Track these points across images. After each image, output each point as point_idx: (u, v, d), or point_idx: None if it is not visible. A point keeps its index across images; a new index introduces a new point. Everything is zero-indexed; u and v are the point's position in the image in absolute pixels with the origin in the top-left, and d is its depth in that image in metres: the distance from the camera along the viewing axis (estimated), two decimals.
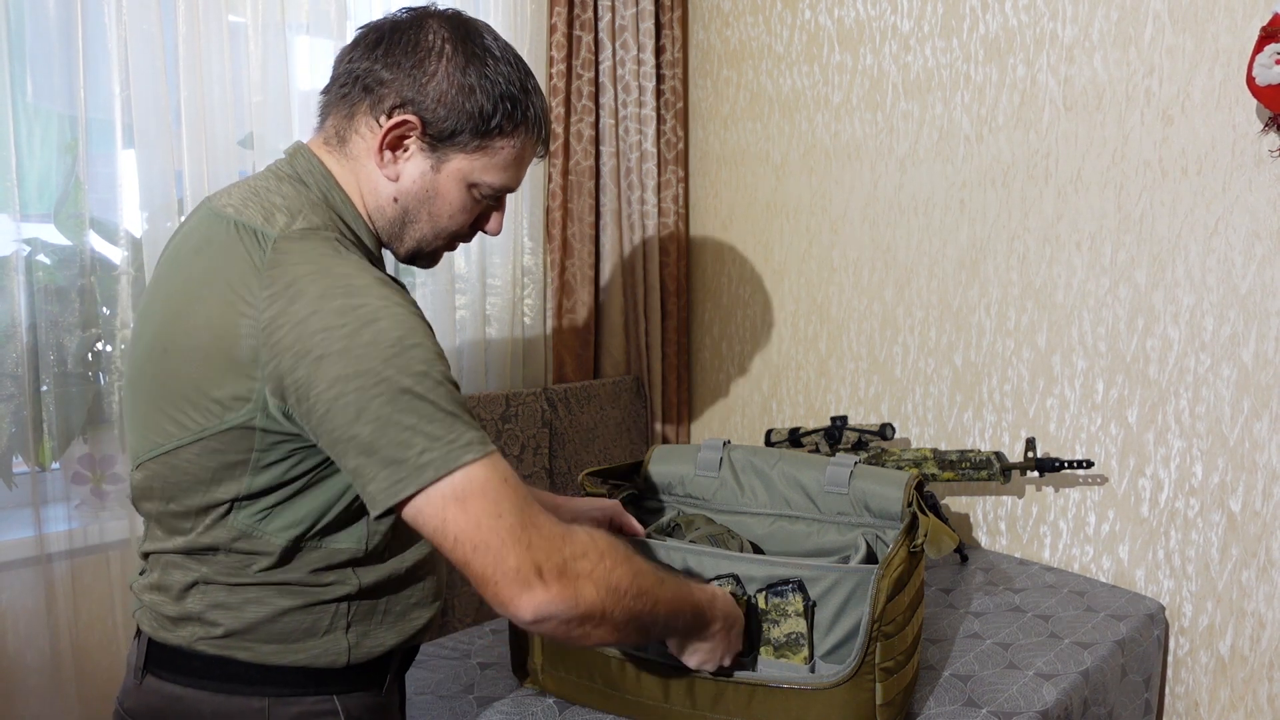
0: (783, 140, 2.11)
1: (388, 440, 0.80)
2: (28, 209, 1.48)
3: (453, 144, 0.94)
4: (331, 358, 0.80)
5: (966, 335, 1.81)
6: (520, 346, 2.10)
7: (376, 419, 0.80)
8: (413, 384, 0.81)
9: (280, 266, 0.84)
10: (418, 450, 0.80)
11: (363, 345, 0.80)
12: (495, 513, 0.81)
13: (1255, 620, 1.48)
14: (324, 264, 0.84)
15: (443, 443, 0.81)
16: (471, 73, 0.93)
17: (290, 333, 0.81)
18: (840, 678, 1.07)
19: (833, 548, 1.26)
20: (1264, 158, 1.42)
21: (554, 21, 2.04)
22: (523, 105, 0.96)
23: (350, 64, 0.94)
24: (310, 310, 0.81)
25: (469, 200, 0.99)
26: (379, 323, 0.81)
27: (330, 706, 0.96)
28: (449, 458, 0.81)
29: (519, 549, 0.81)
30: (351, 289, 0.83)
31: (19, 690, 1.51)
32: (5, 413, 1.47)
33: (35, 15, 1.45)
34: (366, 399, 0.80)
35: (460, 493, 0.81)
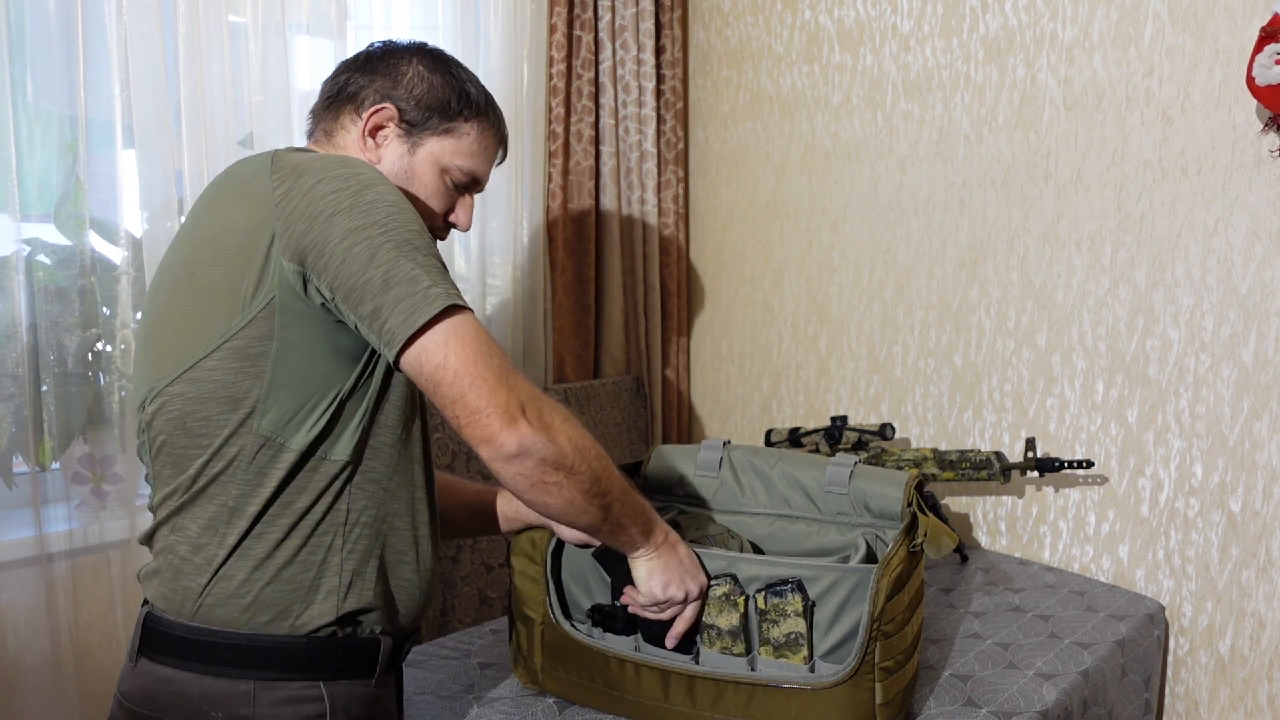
0: (783, 140, 2.11)
1: (399, 277, 0.90)
2: (28, 209, 1.48)
3: (424, 129, 1.08)
4: (342, 214, 0.91)
5: (966, 335, 1.81)
6: (520, 347, 2.10)
7: (387, 262, 0.90)
8: (411, 238, 0.92)
9: (284, 160, 0.97)
10: (426, 285, 0.90)
11: (367, 203, 0.92)
12: (489, 353, 0.91)
13: (1255, 620, 1.48)
14: (320, 153, 1.00)
15: (443, 285, 0.92)
16: (438, 74, 1.10)
17: (301, 200, 0.92)
18: (840, 677, 1.07)
19: (833, 548, 1.26)
20: (1264, 158, 1.42)
21: (554, 21, 2.04)
22: (481, 99, 1.12)
23: (336, 81, 1.10)
24: (317, 179, 0.93)
25: (442, 185, 1.11)
26: (377, 187, 0.93)
27: (315, 692, 0.97)
28: (450, 296, 0.91)
29: (507, 388, 0.90)
30: (348, 161, 0.96)
31: (19, 690, 1.51)
32: (5, 413, 1.47)
33: (35, 15, 1.45)
34: (376, 245, 0.90)
35: (460, 331, 0.91)
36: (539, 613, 1.21)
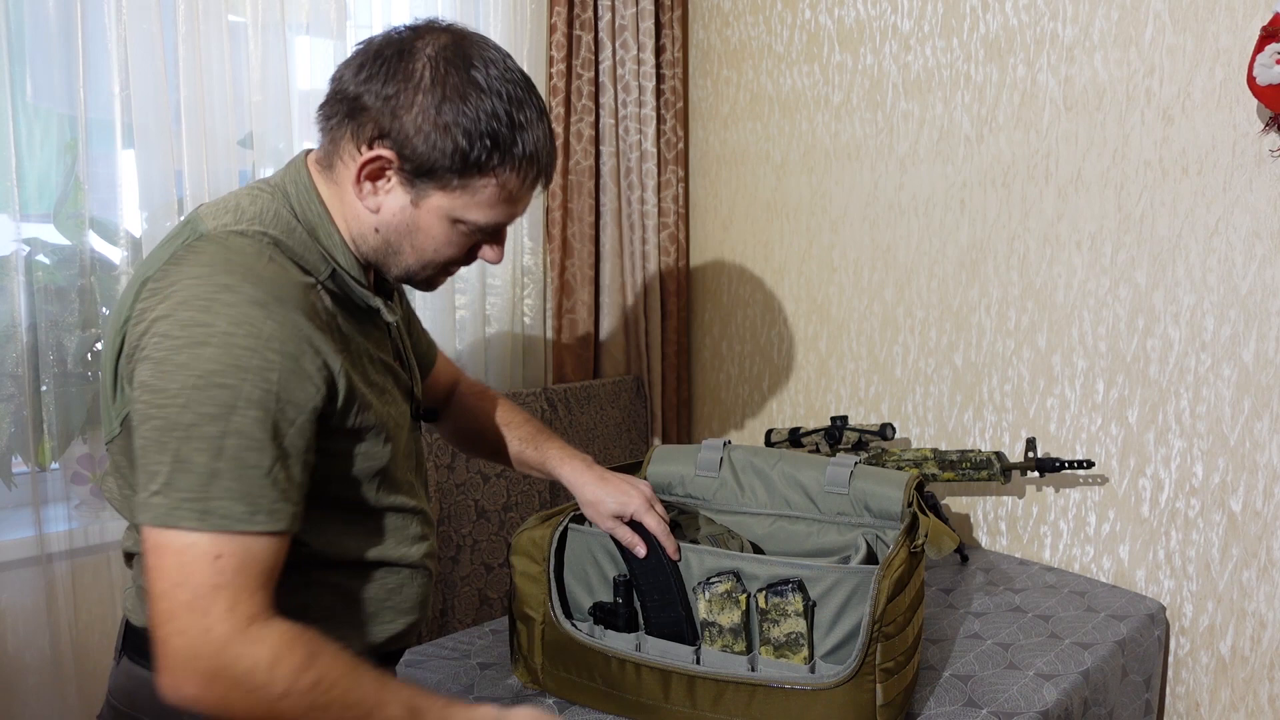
0: (783, 140, 2.11)
1: (144, 463, 0.81)
2: (28, 209, 1.48)
3: (431, 180, 0.90)
4: (148, 363, 0.81)
5: (966, 335, 1.81)
6: (520, 346, 2.10)
7: (145, 438, 0.81)
8: (193, 422, 0.80)
9: (181, 264, 0.85)
10: (152, 490, 0.80)
11: (175, 365, 0.80)
12: (179, 579, 0.79)
13: (1256, 620, 1.48)
14: (217, 269, 0.84)
15: (178, 495, 0.79)
16: (449, 108, 0.88)
17: (142, 325, 0.84)
18: (841, 678, 1.07)
19: (833, 548, 1.26)
20: (1264, 158, 1.41)
21: (554, 21, 2.04)
22: (506, 142, 0.90)
23: (340, 84, 0.92)
24: (165, 313, 0.82)
25: (455, 235, 0.95)
26: (206, 348, 0.80)
27: None
28: (170, 514, 0.79)
29: (171, 624, 0.79)
30: (213, 304, 0.81)
31: (19, 690, 1.51)
32: (5, 413, 1.47)
33: (35, 15, 1.45)
34: (149, 414, 0.81)
35: (161, 544, 0.80)
36: (539, 612, 1.21)
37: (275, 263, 0.88)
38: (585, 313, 2.17)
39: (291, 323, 0.84)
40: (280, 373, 0.83)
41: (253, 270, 0.85)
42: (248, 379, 0.81)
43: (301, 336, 0.85)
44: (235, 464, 0.81)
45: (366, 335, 0.99)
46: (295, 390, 0.84)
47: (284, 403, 0.83)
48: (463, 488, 1.89)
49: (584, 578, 1.22)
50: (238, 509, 0.81)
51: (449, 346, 1.98)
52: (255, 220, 0.91)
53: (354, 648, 0.97)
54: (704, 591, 1.13)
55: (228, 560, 0.80)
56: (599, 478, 1.20)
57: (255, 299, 0.83)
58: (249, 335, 0.81)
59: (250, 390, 0.81)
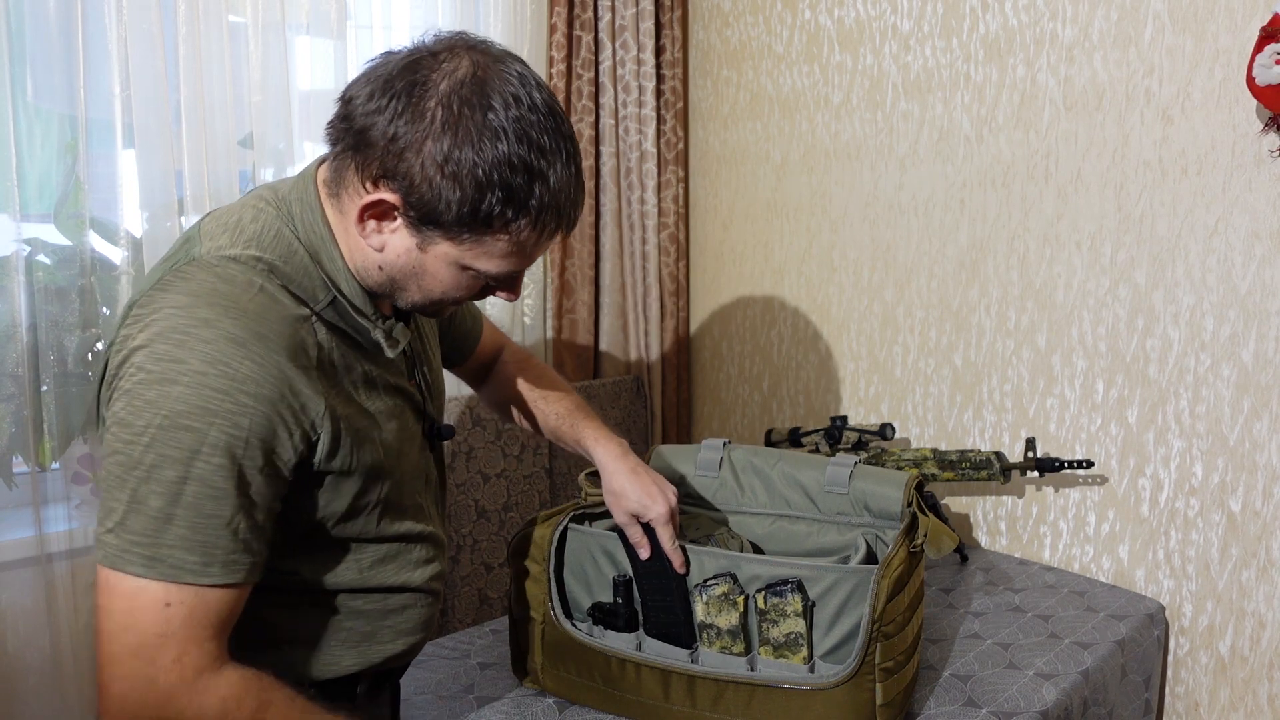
0: (783, 140, 2.11)
1: (105, 497, 0.79)
2: (28, 209, 1.48)
3: (437, 230, 0.84)
4: (122, 396, 0.79)
5: (966, 335, 1.81)
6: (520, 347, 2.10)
7: (108, 471, 0.79)
8: (155, 463, 0.77)
9: (166, 290, 0.82)
10: (106, 526, 0.78)
11: (145, 400, 0.77)
12: (127, 624, 0.77)
13: (1255, 620, 1.48)
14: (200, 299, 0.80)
15: (129, 539, 0.77)
16: (460, 154, 0.80)
17: (122, 354, 0.81)
18: (840, 678, 1.07)
19: (833, 548, 1.26)
20: (1264, 158, 1.42)
21: (554, 21, 2.04)
22: (522, 194, 0.82)
23: (348, 107, 0.84)
24: (143, 343, 0.79)
25: (464, 279, 0.89)
26: (175, 386, 0.77)
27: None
28: (119, 557, 0.77)
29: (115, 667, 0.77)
30: (189, 340, 0.78)
31: (19, 690, 1.51)
32: (5, 413, 1.47)
33: (35, 15, 1.45)
34: (115, 448, 0.79)
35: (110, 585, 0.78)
36: (539, 612, 1.21)
37: (265, 294, 0.83)
38: (585, 313, 2.17)
39: (271, 364, 0.80)
40: (252, 418, 0.79)
41: (237, 303, 0.81)
42: (215, 423, 0.77)
43: (281, 379, 0.81)
44: (192, 511, 0.78)
45: (373, 359, 0.95)
46: (267, 437, 0.80)
47: (253, 449, 0.79)
48: (463, 488, 1.89)
49: (584, 578, 1.22)
50: (190, 559, 0.78)
51: None
52: (253, 242, 0.86)
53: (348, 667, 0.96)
54: (701, 594, 1.13)
55: (176, 610, 0.77)
56: (631, 469, 1.16)
57: (234, 336, 0.79)
58: (222, 376, 0.78)
59: (217, 436, 0.77)
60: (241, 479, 0.79)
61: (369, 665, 0.99)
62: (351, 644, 0.97)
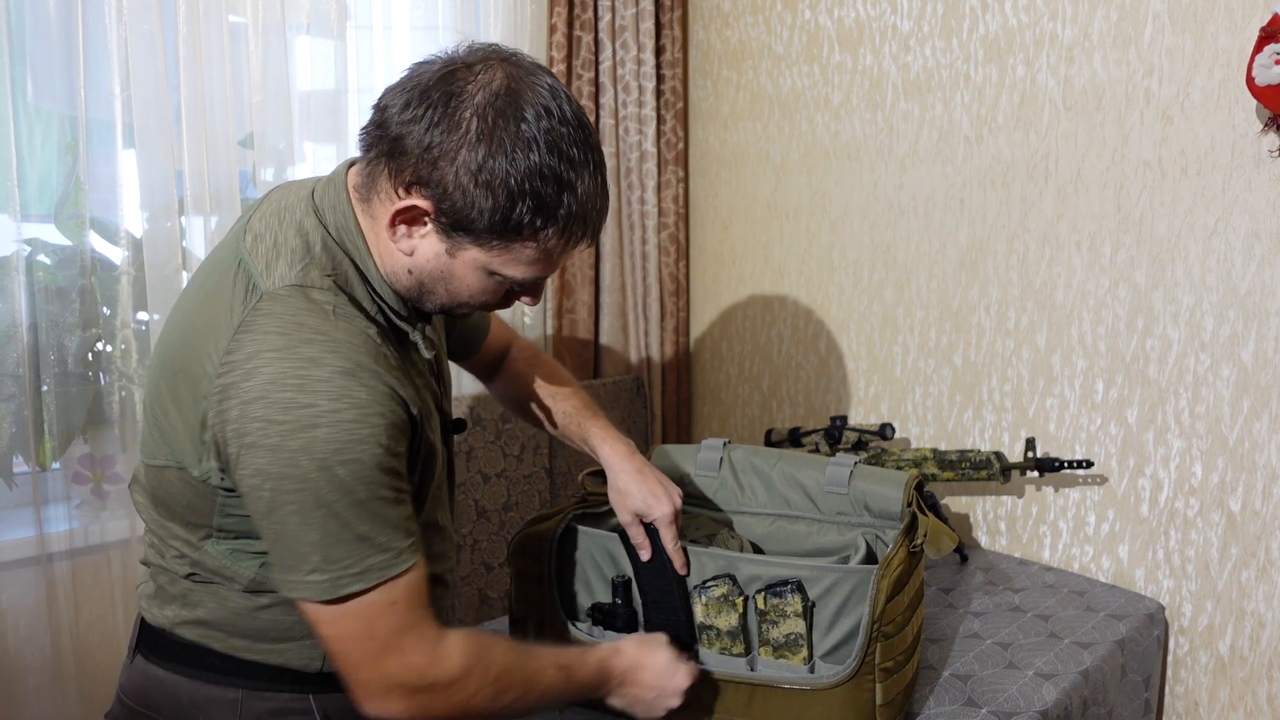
0: (783, 140, 2.11)
1: (285, 548, 0.85)
2: (28, 209, 1.48)
3: (468, 235, 0.87)
4: (261, 450, 0.82)
5: (966, 335, 1.81)
6: None
7: (283, 523, 0.84)
8: (333, 499, 0.82)
9: (250, 332, 0.85)
10: (308, 568, 0.84)
11: (292, 450, 0.81)
12: (365, 634, 0.86)
13: (1255, 620, 1.48)
14: (293, 339, 0.84)
15: (337, 568, 0.84)
16: (493, 164, 0.83)
17: (235, 408, 0.83)
18: (840, 678, 1.07)
19: (832, 548, 1.26)
20: (1264, 158, 1.42)
21: (554, 21, 2.04)
22: (551, 203, 0.85)
23: (384, 115, 0.86)
24: (258, 394, 0.82)
25: (491, 284, 0.93)
26: (317, 430, 0.81)
27: (305, 705, 0.97)
28: (336, 585, 0.84)
29: (372, 668, 0.86)
30: (305, 382, 0.82)
31: (19, 690, 1.51)
32: (6, 413, 1.47)
33: (36, 15, 1.45)
34: (280, 501, 0.83)
35: (336, 614, 0.85)
36: (539, 612, 1.21)
37: (342, 317, 0.87)
38: (585, 313, 2.17)
39: (378, 382, 0.85)
40: (386, 432, 0.85)
41: (329, 336, 0.85)
42: (364, 449, 0.83)
43: (389, 395, 0.86)
44: (379, 521, 0.85)
45: (409, 360, 0.98)
46: (396, 441, 0.87)
47: (393, 456, 0.86)
48: (463, 488, 1.89)
49: (584, 578, 1.22)
50: (387, 557, 0.86)
51: None
52: (311, 263, 0.89)
53: None
54: (701, 595, 1.13)
55: (401, 601, 0.86)
56: (637, 469, 1.17)
57: (343, 369, 0.83)
58: (352, 407, 0.82)
59: (368, 457, 0.83)
60: (394, 480, 0.87)
61: None
62: None
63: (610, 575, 1.19)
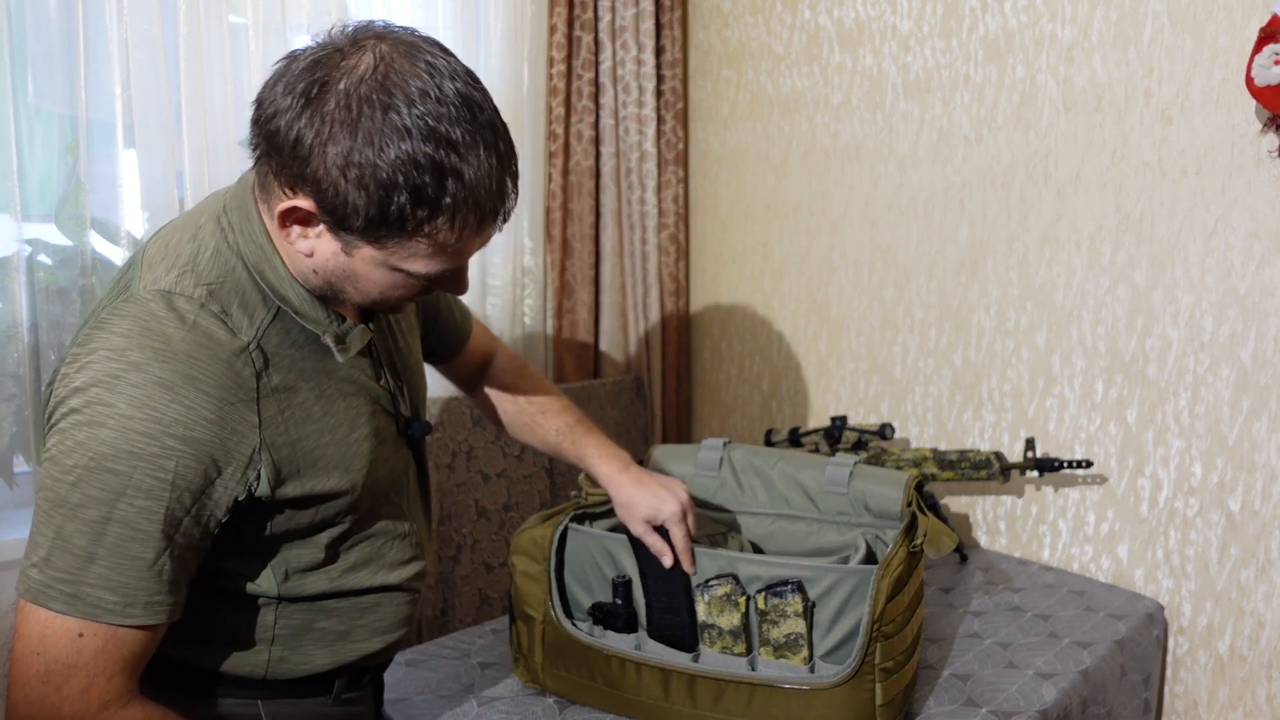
0: (783, 140, 2.11)
1: (32, 531, 0.80)
2: (29, 209, 1.48)
3: (353, 234, 0.80)
4: (57, 433, 0.80)
5: (966, 335, 1.81)
6: (520, 346, 2.10)
7: (37, 506, 0.80)
8: (80, 502, 0.77)
9: (101, 329, 0.81)
10: (31, 561, 0.79)
11: (75, 441, 0.78)
12: (37, 650, 0.78)
13: (1254, 620, 1.48)
14: (132, 342, 0.79)
15: (50, 573, 0.78)
16: (360, 157, 0.75)
17: (61, 393, 0.81)
18: (840, 678, 1.08)
19: (832, 548, 1.26)
20: (1263, 158, 1.42)
21: (554, 22, 2.04)
22: (433, 193, 0.77)
23: (261, 109, 0.80)
24: (79, 385, 0.79)
25: (399, 279, 0.85)
26: (103, 430, 0.77)
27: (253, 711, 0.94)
28: (41, 593, 0.78)
29: (27, 695, 0.78)
30: (118, 384, 0.78)
31: None
32: (6, 412, 1.47)
33: (36, 16, 1.45)
34: (45, 484, 0.80)
35: (29, 614, 0.78)
36: (540, 611, 1.22)
37: (197, 330, 0.81)
38: (585, 313, 2.17)
39: (201, 406, 0.79)
40: (179, 460, 0.79)
41: (168, 344, 0.80)
42: (139, 467, 0.77)
43: (212, 421, 0.80)
44: (114, 552, 0.78)
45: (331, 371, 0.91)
46: (195, 479, 0.80)
47: (181, 491, 0.79)
48: (463, 488, 1.89)
49: (584, 578, 1.22)
50: (110, 599, 0.78)
51: None
52: (189, 268, 0.84)
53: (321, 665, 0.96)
54: (703, 594, 1.13)
55: (89, 641, 0.78)
56: (635, 480, 1.17)
57: (162, 380, 0.78)
58: (148, 420, 0.77)
59: (141, 479, 0.77)
60: (169, 520, 0.79)
61: (344, 663, 0.99)
62: (325, 643, 0.97)
63: (610, 575, 1.20)
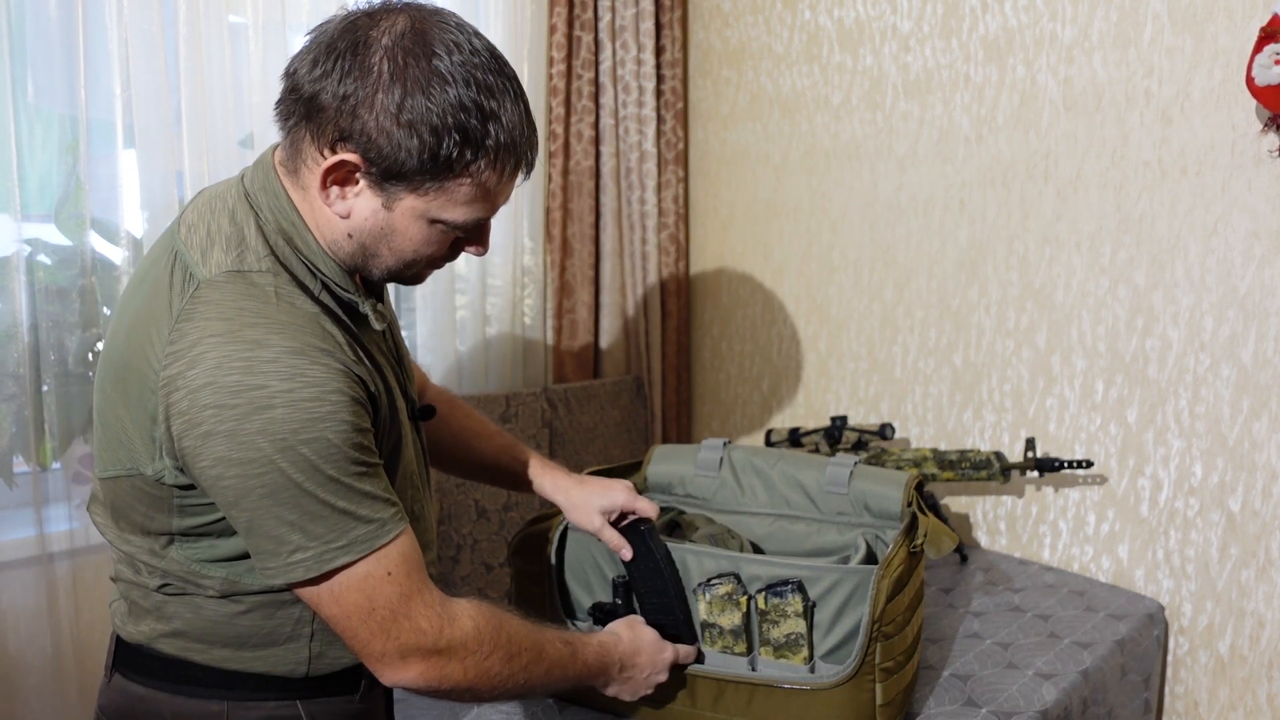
0: (783, 140, 2.11)
1: (263, 533, 0.83)
2: (29, 209, 1.48)
3: (401, 183, 0.85)
4: (218, 437, 0.80)
5: (966, 335, 1.81)
6: (520, 346, 2.10)
7: (255, 509, 0.82)
8: (302, 479, 0.81)
9: (191, 320, 0.82)
10: (290, 549, 0.82)
11: (250, 432, 0.79)
12: (368, 608, 0.85)
13: (1255, 620, 1.48)
14: (236, 323, 0.81)
15: (320, 543, 0.83)
16: (412, 103, 0.81)
17: (184, 399, 0.80)
18: (840, 678, 1.07)
19: (833, 548, 1.26)
20: (1263, 158, 1.42)
21: (554, 22, 2.04)
22: (478, 135, 0.83)
23: (294, 80, 0.86)
24: (205, 380, 0.80)
25: (434, 234, 0.90)
26: (273, 410, 0.79)
27: (294, 712, 0.96)
28: (322, 560, 0.83)
29: (384, 638, 0.86)
30: (253, 364, 0.80)
31: (19, 690, 1.51)
32: (6, 412, 1.47)
33: (36, 16, 1.45)
34: (247, 487, 0.81)
35: (333, 591, 0.85)
36: (540, 612, 1.22)
37: (284, 298, 0.85)
38: (585, 313, 2.17)
39: (330, 359, 0.84)
40: (345, 409, 0.83)
41: (272, 319, 0.83)
42: (326, 426, 0.81)
43: (343, 372, 0.84)
44: (351, 494, 0.83)
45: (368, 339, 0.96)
46: (358, 416, 0.85)
47: (358, 431, 0.84)
48: (463, 488, 1.89)
49: (584, 578, 1.22)
50: (372, 528, 0.85)
51: (449, 347, 1.98)
52: (247, 249, 0.87)
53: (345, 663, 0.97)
54: (704, 593, 1.13)
55: (397, 570, 0.86)
56: (578, 482, 1.21)
57: (291, 348, 0.82)
58: (307, 385, 0.81)
59: (331, 435, 0.82)
60: (360, 457, 0.85)
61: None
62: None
63: (610, 575, 1.19)
